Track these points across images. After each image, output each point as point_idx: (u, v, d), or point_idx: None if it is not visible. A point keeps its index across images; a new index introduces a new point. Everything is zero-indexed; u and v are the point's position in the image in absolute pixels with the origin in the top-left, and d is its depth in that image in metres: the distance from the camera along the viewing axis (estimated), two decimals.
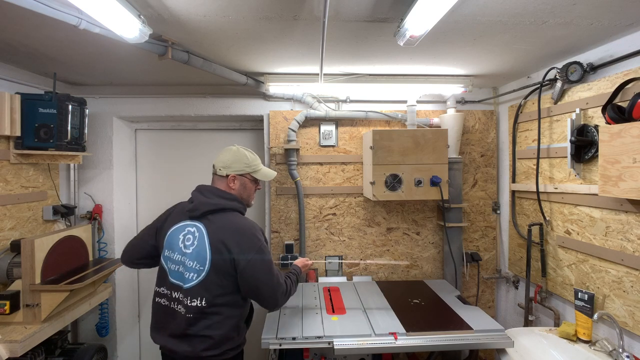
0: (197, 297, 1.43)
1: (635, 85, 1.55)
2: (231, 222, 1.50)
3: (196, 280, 1.44)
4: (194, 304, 1.43)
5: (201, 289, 1.44)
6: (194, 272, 1.45)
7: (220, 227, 1.48)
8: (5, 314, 1.67)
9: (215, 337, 1.44)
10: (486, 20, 1.46)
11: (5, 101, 1.88)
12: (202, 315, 1.43)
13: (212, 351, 1.44)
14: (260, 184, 1.70)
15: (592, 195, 1.77)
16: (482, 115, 2.62)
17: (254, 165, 1.63)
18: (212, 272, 1.44)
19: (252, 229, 1.50)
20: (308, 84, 2.26)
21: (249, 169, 1.61)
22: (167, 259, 1.53)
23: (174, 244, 1.52)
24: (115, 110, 2.57)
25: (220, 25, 1.50)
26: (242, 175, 1.60)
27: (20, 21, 1.45)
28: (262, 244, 1.50)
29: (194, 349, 1.43)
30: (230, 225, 1.49)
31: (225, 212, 1.53)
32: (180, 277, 1.48)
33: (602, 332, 1.75)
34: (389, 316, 1.89)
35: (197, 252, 1.46)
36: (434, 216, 2.62)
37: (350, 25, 1.50)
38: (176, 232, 1.54)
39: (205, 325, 1.43)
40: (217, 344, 1.45)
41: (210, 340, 1.44)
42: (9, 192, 2.00)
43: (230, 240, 1.45)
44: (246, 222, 1.53)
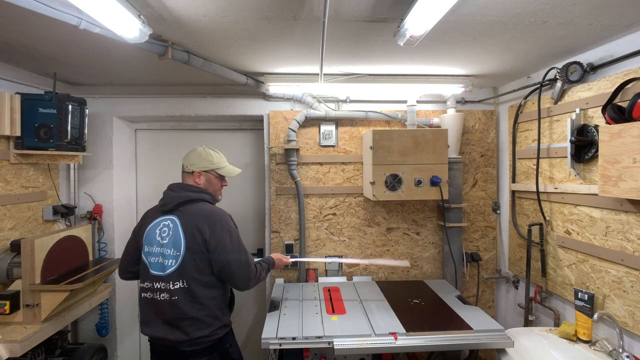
0: (178, 279, 1.57)
1: (635, 85, 1.55)
2: (200, 209, 1.65)
3: (175, 266, 1.58)
4: (177, 286, 1.57)
5: (181, 273, 1.58)
6: (173, 259, 1.59)
7: (191, 214, 1.64)
8: (5, 314, 1.67)
9: (201, 318, 1.57)
10: (486, 20, 1.46)
11: (5, 101, 1.88)
12: (186, 297, 1.56)
13: (202, 331, 1.57)
14: (226, 180, 1.87)
15: (592, 195, 1.77)
16: (482, 115, 2.62)
17: (218, 162, 1.80)
18: (188, 255, 1.58)
19: (220, 215, 1.65)
20: (308, 84, 2.26)
21: (213, 165, 1.78)
22: (147, 254, 1.65)
23: (152, 239, 1.65)
24: (115, 110, 2.57)
25: (220, 25, 1.50)
26: (207, 172, 1.77)
27: (20, 21, 1.45)
28: (231, 226, 1.64)
29: (186, 333, 1.55)
30: (200, 212, 1.64)
31: (195, 202, 1.68)
32: (161, 267, 1.60)
33: (602, 332, 1.75)
34: (389, 316, 1.89)
35: (173, 240, 1.61)
36: (434, 216, 2.62)
37: (350, 25, 1.50)
38: (153, 229, 1.67)
39: (190, 307, 1.56)
40: (206, 324, 1.58)
41: (199, 321, 1.56)
42: (9, 192, 2.00)
43: (201, 224, 1.60)
44: (214, 209, 1.68)
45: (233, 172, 1.85)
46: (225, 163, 1.84)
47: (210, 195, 1.75)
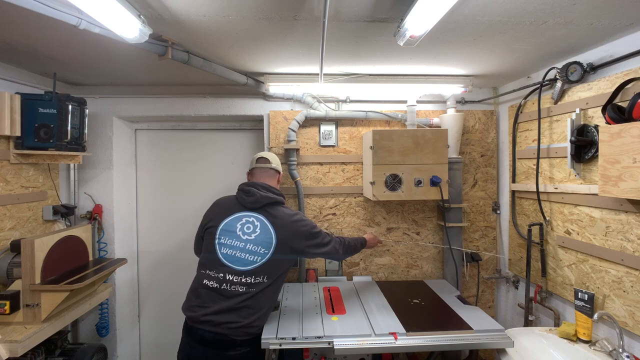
0: (261, 275, 1.69)
1: (635, 85, 1.55)
2: (287, 215, 1.81)
3: (260, 262, 1.70)
4: (257, 281, 1.68)
5: (265, 269, 1.70)
6: (258, 256, 1.71)
7: (281, 218, 1.78)
8: (5, 314, 1.67)
9: (263, 309, 1.69)
10: (486, 20, 1.46)
11: (5, 101, 1.88)
12: (263, 291, 1.69)
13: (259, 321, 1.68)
14: None
15: (592, 195, 1.77)
16: (482, 115, 2.62)
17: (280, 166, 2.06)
18: (276, 255, 1.72)
19: (300, 217, 1.83)
20: (308, 84, 2.26)
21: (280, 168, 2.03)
22: (222, 245, 1.74)
23: (231, 232, 1.75)
24: (115, 110, 2.57)
25: (220, 26, 1.51)
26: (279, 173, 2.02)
27: (20, 21, 1.45)
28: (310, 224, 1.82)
29: (245, 319, 1.64)
30: (287, 218, 1.79)
31: (277, 205, 1.83)
32: (241, 262, 1.70)
33: (602, 332, 1.75)
34: (389, 316, 1.89)
35: (261, 238, 1.73)
36: (434, 216, 2.62)
37: (350, 25, 1.50)
38: (233, 222, 1.78)
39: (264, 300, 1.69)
40: (263, 315, 1.71)
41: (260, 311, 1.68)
42: (9, 192, 2.00)
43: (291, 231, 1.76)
44: (295, 213, 1.84)
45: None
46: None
47: (283, 197, 1.91)
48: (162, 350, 2.88)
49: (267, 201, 1.79)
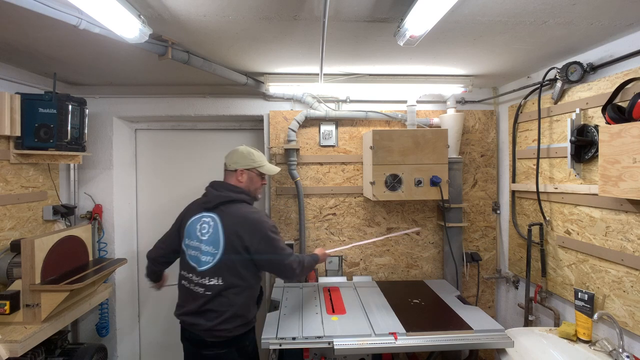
0: (214, 276, 1.65)
1: (635, 85, 1.55)
2: (241, 212, 1.72)
3: (211, 263, 1.66)
4: (211, 282, 1.65)
5: (216, 271, 1.65)
6: (210, 256, 1.67)
7: (232, 216, 1.71)
8: (5, 314, 1.67)
9: (227, 313, 1.63)
10: (486, 20, 1.46)
11: (5, 101, 1.88)
12: (218, 293, 1.64)
13: (224, 325, 1.63)
14: (265, 179, 1.91)
15: (592, 195, 1.77)
16: (482, 115, 2.62)
17: (259, 161, 1.85)
18: (225, 255, 1.65)
19: (258, 219, 1.70)
20: (308, 84, 2.26)
21: (254, 164, 1.83)
22: (187, 247, 1.76)
23: (192, 233, 1.75)
24: (115, 110, 2.57)
25: (220, 26, 1.50)
26: (250, 170, 1.82)
27: (20, 21, 1.45)
28: (267, 231, 1.68)
29: (209, 322, 1.63)
30: (240, 215, 1.70)
31: (235, 203, 1.75)
32: (197, 261, 1.70)
33: (602, 332, 1.75)
34: (389, 316, 1.89)
35: (212, 239, 1.68)
36: (434, 216, 2.62)
37: (350, 25, 1.50)
38: (194, 223, 1.77)
39: (219, 303, 1.64)
40: (229, 319, 1.64)
41: (224, 315, 1.63)
42: (9, 192, 2.00)
43: (241, 229, 1.66)
44: (253, 213, 1.73)
45: (273, 170, 1.91)
46: (265, 162, 1.89)
47: (249, 196, 1.81)
48: (162, 350, 2.88)
49: (221, 200, 1.73)
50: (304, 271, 1.79)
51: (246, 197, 1.79)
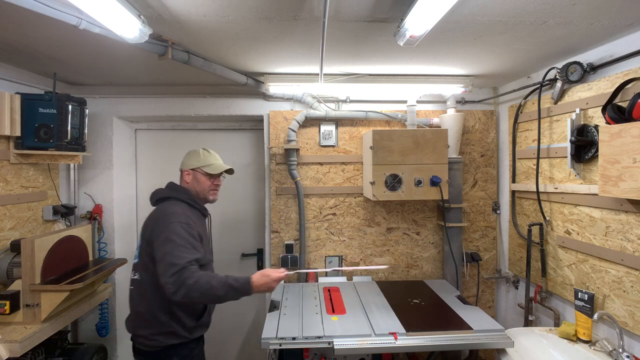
0: (136, 271, 1.67)
1: (635, 85, 1.55)
2: (161, 207, 1.69)
3: (136, 258, 1.70)
4: (135, 277, 1.67)
5: (137, 265, 1.67)
6: (137, 250, 1.71)
7: (154, 210, 1.71)
8: (5, 314, 1.67)
9: (143, 313, 1.59)
10: (486, 20, 1.46)
11: (5, 101, 1.88)
12: (137, 289, 1.64)
13: (142, 330, 1.59)
14: (219, 179, 1.84)
15: (592, 195, 1.77)
16: (482, 115, 2.62)
17: (204, 160, 1.78)
18: (142, 249, 1.65)
19: (169, 213, 1.61)
20: (308, 84, 2.26)
21: (198, 164, 1.77)
22: None
23: None
24: (115, 110, 2.57)
25: (220, 26, 1.50)
26: (194, 170, 1.77)
27: (20, 21, 1.45)
28: (171, 226, 1.54)
29: (132, 324, 1.64)
30: (158, 210, 1.69)
31: (169, 200, 1.72)
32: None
33: (602, 332, 1.75)
34: (389, 316, 1.89)
35: (141, 232, 1.70)
36: (434, 216, 2.62)
37: (350, 25, 1.50)
38: None
39: (137, 300, 1.63)
40: (146, 322, 1.58)
41: (141, 317, 1.60)
42: (9, 192, 2.00)
43: (151, 222, 1.65)
44: (169, 207, 1.66)
45: (217, 169, 1.80)
46: (213, 161, 1.80)
47: (188, 196, 1.75)
48: None
49: (158, 197, 1.75)
50: (200, 298, 1.43)
51: (184, 195, 1.74)
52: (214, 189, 1.82)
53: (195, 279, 1.41)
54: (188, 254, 1.47)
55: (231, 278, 1.47)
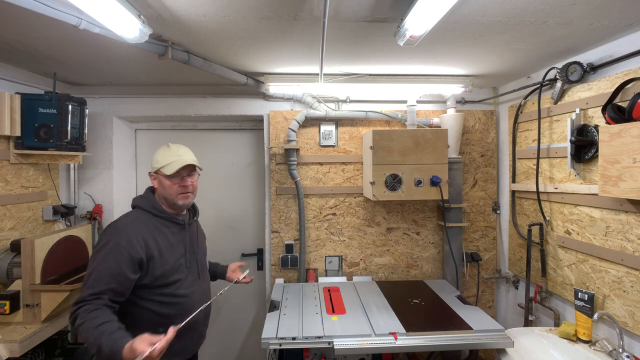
0: None
1: (635, 85, 1.55)
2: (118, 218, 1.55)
3: None
4: None
5: None
6: None
7: None
8: (5, 314, 1.67)
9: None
10: (486, 20, 1.46)
11: (5, 101, 1.88)
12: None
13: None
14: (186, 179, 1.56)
15: (592, 195, 1.77)
16: (482, 115, 2.62)
17: (162, 160, 1.54)
18: None
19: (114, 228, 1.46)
20: (308, 84, 2.26)
21: (158, 165, 1.55)
22: None
23: None
24: (115, 110, 2.57)
25: (220, 26, 1.50)
26: (156, 173, 1.57)
27: (20, 21, 1.45)
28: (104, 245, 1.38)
29: None
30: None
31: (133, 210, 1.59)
32: None
33: (602, 332, 1.75)
34: (389, 316, 1.89)
35: None
36: (434, 216, 2.62)
37: (350, 25, 1.50)
38: None
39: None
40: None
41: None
42: (9, 192, 2.00)
43: None
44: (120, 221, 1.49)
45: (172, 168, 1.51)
46: (171, 159, 1.53)
47: (151, 202, 1.56)
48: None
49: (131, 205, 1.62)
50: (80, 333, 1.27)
51: (146, 203, 1.56)
52: (182, 192, 1.55)
53: (81, 321, 1.27)
54: (99, 285, 1.31)
55: (106, 338, 1.21)
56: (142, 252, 1.42)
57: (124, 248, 1.39)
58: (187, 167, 1.55)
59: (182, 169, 1.53)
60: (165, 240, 1.53)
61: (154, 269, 1.46)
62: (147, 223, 1.51)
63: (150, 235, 1.48)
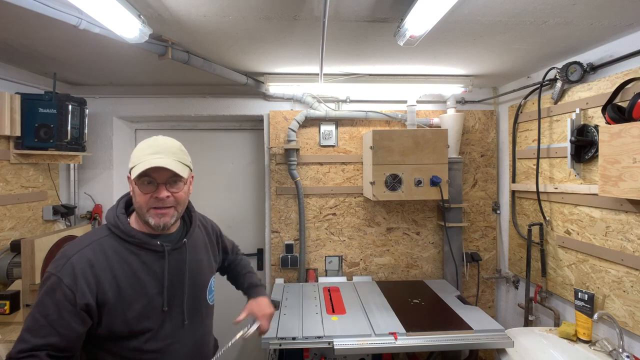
0: None
1: (635, 85, 1.55)
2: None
3: None
4: None
5: None
6: None
7: None
8: (5, 314, 1.67)
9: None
10: (486, 20, 1.46)
11: (5, 101, 1.88)
12: None
13: None
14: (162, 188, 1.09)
15: (592, 195, 1.77)
16: (482, 115, 2.62)
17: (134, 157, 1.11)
18: None
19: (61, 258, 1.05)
20: (308, 84, 2.26)
21: (130, 162, 1.12)
22: None
23: None
24: (115, 110, 2.57)
25: (220, 26, 1.50)
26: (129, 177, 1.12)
27: (20, 21, 1.45)
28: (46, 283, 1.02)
29: None
30: None
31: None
32: None
33: (602, 332, 1.75)
34: (389, 316, 1.89)
35: None
36: (434, 216, 2.62)
37: (350, 25, 1.50)
38: None
39: None
40: None
41: None
42: (9, 192, 2.00)
43: None
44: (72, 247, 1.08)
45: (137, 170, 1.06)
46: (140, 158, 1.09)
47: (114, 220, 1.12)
48: None
49: None
50: None
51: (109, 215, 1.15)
52: (155, 207, 1.09)
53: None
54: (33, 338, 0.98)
55: None
56: (89, 295, 1.02)
57: (67, 288, 1.00)
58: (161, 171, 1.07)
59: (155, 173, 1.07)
60: (131, 276, 1.09)
61: (111, 317, 1.05)
62: (108, 249, 1.08)
63: (109, 269, 1.06)
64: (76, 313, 1.01)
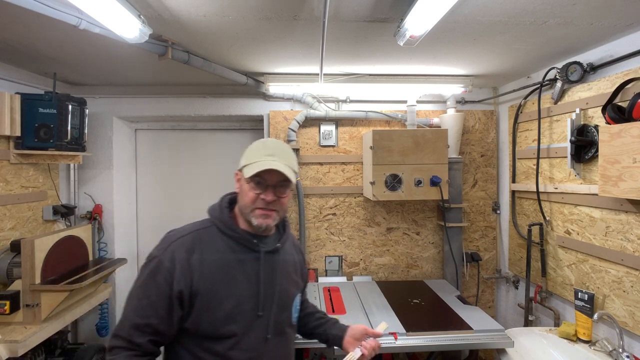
0: None
1: (635, 85, 1.55)
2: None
3: None
4: None
5: None
6: None
7: None
8: (5, 314, 1.67)
9: None
10: (486, 20, 1.46)
11: (5, 101, 1.88)
12: None
13: None
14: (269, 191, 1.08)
15: (592, 195, 1.77)
16: (482, 115, 2.62)
17: (247, 157, 1.11)
18: None
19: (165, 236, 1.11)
20: (308, 84, 2.26)
21: (242, 161, 1.12)
22: None
23: None
24: (115, 110, 2.57)
25: (220, 26, 1.50)
26: (240, 172, 1.12)
27: (20, 21, 1.45)
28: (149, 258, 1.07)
29: None
30: None
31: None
32: None
33: (602, 332, 1.75)
34: (389, 316, 1.89)
35: None
36: (434, 216, 2.62)
37: (350, 25, 1.50)
38: None
39: None
40: None
41: None
42: (9, 192, 2.00)
43: None
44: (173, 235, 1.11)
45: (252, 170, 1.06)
46: (256, 157, 1.09)
47: (220, 214, 1.13)
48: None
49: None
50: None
51: (215, 214, 1.15)
52: (261, 208, 1.08)
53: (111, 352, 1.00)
54: (136, 319, 1.00)
55: None
56: (183, 283, 1.02)
57: (167, 272, 1.02)
58: (273, 173, 1.06)
59: (267, 175, 1.06)
60: (226, 272, 1.07)
61: (200, 311, 1.04)
62: (207, 240, 1.09)
63: (205, 261, 1.06)
64: (172, 297, 1.01)
